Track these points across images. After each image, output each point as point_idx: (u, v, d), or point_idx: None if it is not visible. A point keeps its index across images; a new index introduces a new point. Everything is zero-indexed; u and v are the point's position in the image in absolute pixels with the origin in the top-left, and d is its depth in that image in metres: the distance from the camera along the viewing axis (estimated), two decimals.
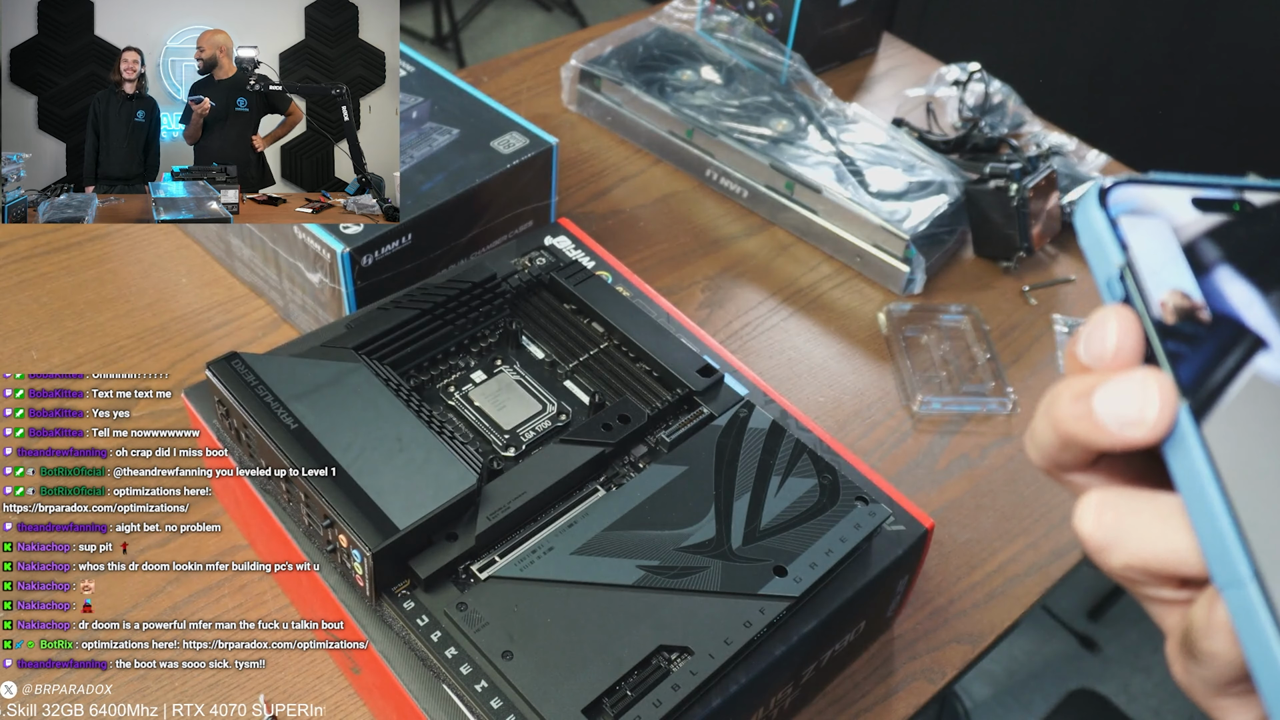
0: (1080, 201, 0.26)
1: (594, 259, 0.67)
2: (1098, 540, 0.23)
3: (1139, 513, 0.23)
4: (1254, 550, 0.21)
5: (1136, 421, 0.22)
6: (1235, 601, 0.21)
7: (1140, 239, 0.24)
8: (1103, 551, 0.23)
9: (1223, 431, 0.22)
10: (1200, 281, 0.24)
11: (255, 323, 0.74)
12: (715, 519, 0.50)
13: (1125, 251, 0.24)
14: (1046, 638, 1.51)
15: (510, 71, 1.02)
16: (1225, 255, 0.24)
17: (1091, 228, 0.25)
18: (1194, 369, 0.23)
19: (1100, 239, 0.25)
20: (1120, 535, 0.23)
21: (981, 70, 0.99)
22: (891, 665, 0.60)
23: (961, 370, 0.77)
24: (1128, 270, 0.24)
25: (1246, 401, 0.22)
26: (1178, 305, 0.23)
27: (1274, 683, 0.20)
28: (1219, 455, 0.22)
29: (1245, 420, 0.22)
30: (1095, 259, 0.25)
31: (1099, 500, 0.23)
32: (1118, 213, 0.25)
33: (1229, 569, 0.21)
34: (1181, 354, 0.23)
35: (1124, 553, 0.23)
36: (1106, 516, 0.23)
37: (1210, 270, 0.24)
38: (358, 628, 0.48)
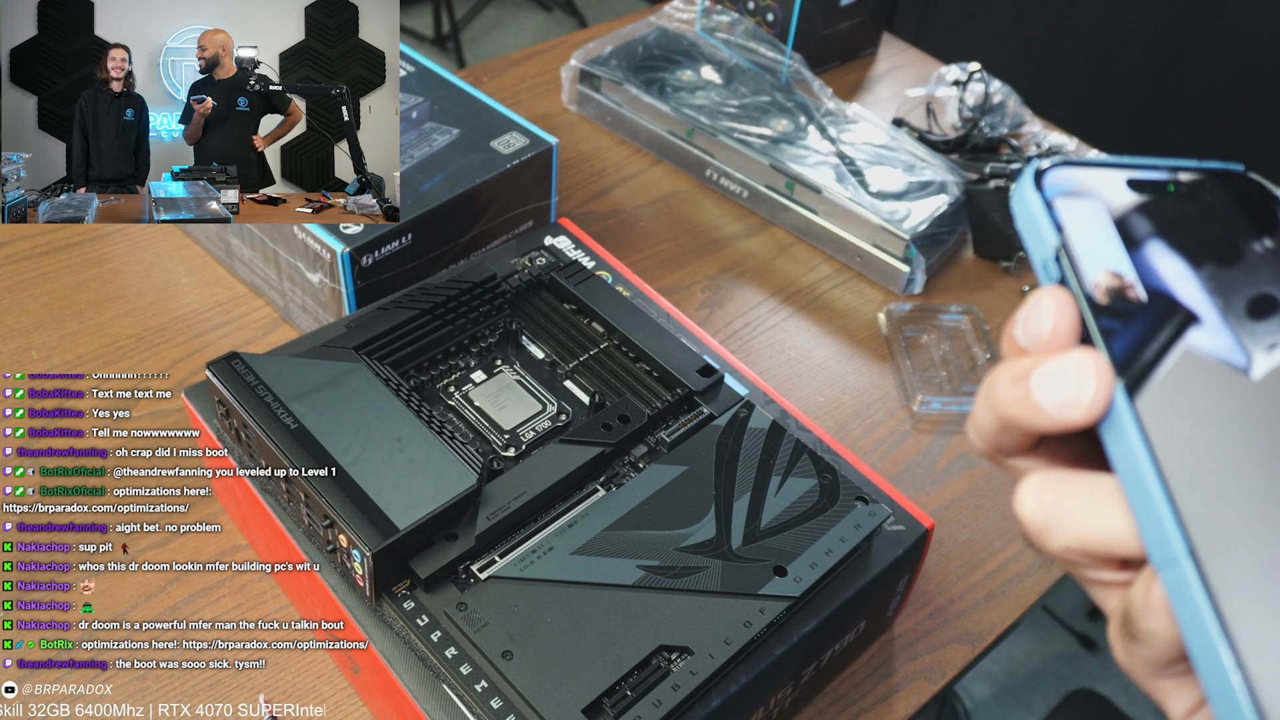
0: (1017, 183, 0.26)
1: (594, 259, 0.67)
2: (1038, 523, 0.23)
3: (1077, 494, 0.23)
4: (1189, 529, 0.21)
5: (1073, 403, 0.22)
6: (1171, 580, 0.21)
7: (1075, 220, 0.24)
8: (1043, 534, 0.23)
9: (1157, 408, 0.22)
10: (1134, 260, 0.24)
11: (255, 323, 0.74)
12: (715, 519, 0.50)
13: (1060, 233, 0.24)
14: (1046, 638, 1.51)
15: (510, 71, 1.02)
16: (1158, 234, 0.24)
17: (1027, 210, 0.25)
18: (1128, 348, 0.23)
19: (1036, 221, 0.25)
20: (1059, 517, 0.23)
21: (981, 70, 0.99)
22: (891, 665, 0.60)
23: (961, 370, 0.77)
24: (1063, 251, 0.24)
25: (1180, 377, 0.22)
26: (1111, 285, 0.23)
27: (1208, 660, 0.20)
28: (1154, 433, 0.22)
29: (1179, 396, 0.22)
30: (1031, 241, 0.25)
31: (1038, 483, 0.23)
32: (1053, 194, 0.25)
33: (1164, 548, 0.21)
34: (1116, 333, 0.23)
35: (1063, 535, 0.23)
36: (1046, 499, 0.23)
37: (1144, 249, 0.24)
38: (358, 628, 0.48)
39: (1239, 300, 0.23)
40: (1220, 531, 0.21)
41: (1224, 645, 0.20)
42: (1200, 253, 0.24)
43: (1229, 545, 0.21)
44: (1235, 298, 0.24)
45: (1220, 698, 0.20)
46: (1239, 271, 0.24)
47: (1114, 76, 1.66)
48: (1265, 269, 0.24)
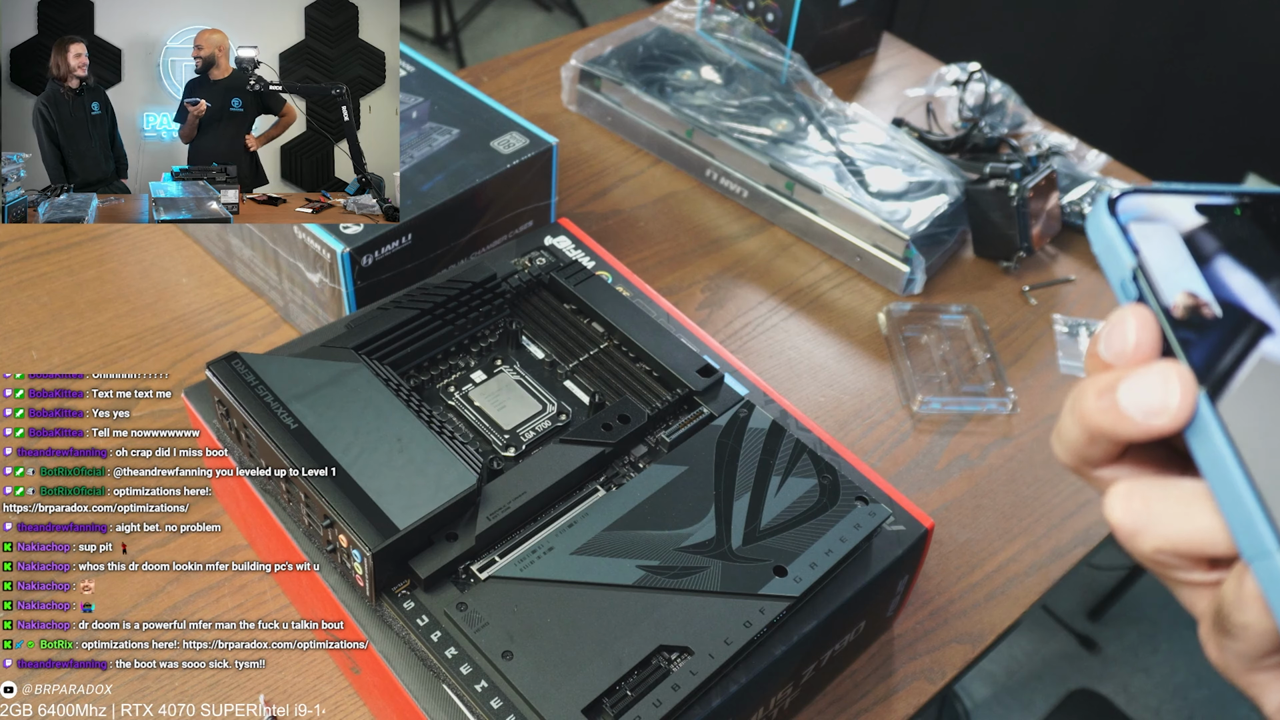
0: (1091, 211, 0.27)
1: (594, 259, 0.67)
2: (1128, 527, 0.24)
3: (1165, 498, 0.24)
4: (1277, 522, 0.22)
5: (1160, 410, 0.24)
6: (1264, 572, 0.22)
7: (1149, 242, 0.26)
8: (1133, 537, 0.24)
9: (1237, 413, 0.24)
10: (1206, 278, 0.25)
11: (255, 323, 0.74)
12: (715, 519, 0.50)
13: (1136, 254, 0.26)
14: (1046, 638, 1.51)
15: (510, 71, 1.02)
16: (1227, 253, 0.26)
17: (1103, 234, 0.27)
18: (1207, 358, 0.24)
19: (1112, 244, 0.26)
20: (1149, 520, 0.24)
21: (981, 70, 0.99)
22: (891, 665, 0.60)
23: (961, 370, 0.77)
24: (1139, 271, 0.26)
25: (1256, 383, 0.24)
26: (1186, 301, 0.25)
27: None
28: (1236, 435, 0.23)
29: (1256, 400, 0.24)
30: (1109, 263, 0.27)
31: (1127, 489, 0.25)
32: (1126, 219, 0.27)
33: (1256, 541, 0.22)
34: (1194, 344, 0.24)
35: (1153, 537, 0.24)
36: (1135, 503, 0.24)
37: (1214, 267, 0.26)
38: (358, 628, 0.48)
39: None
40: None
41: None
42: (1267, 269, 0.26)
43: None
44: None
45: None
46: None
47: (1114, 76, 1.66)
48: None
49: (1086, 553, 0.67)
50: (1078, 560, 0.67)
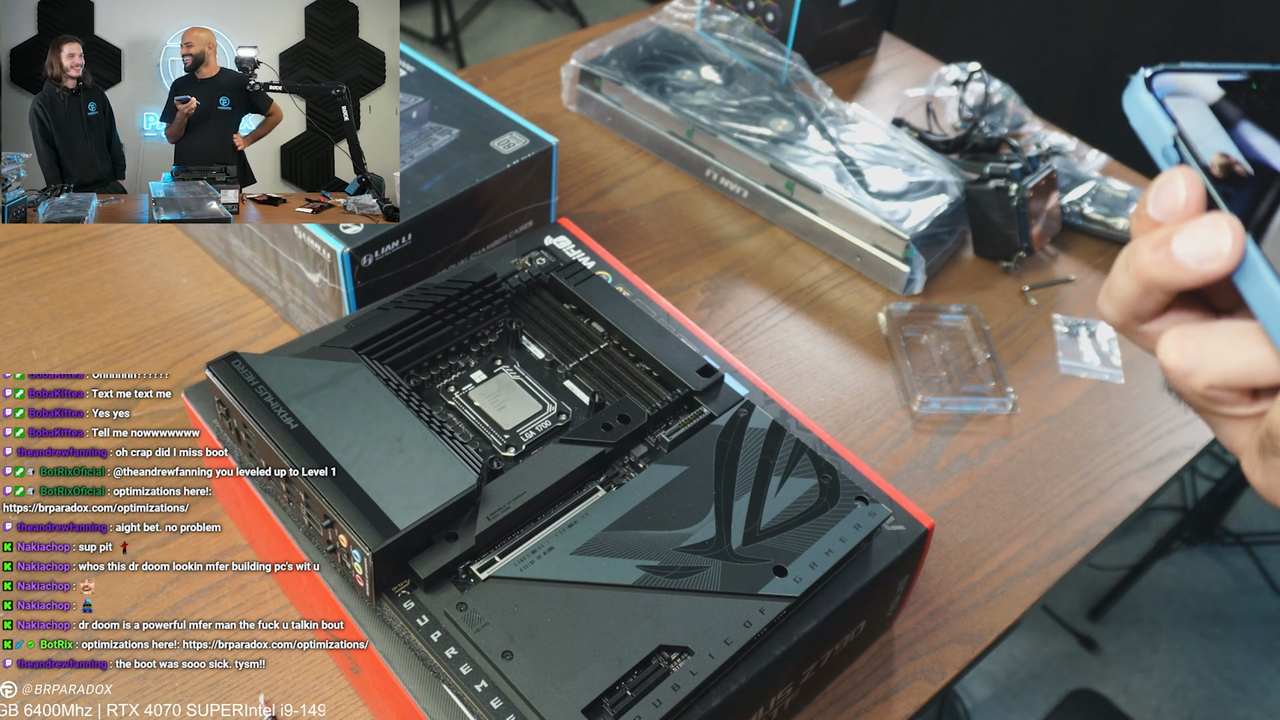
0: (1128, 90, 0.30)
1: (594, 259, 0.67)
2: (1183, 366, 0.27)
3: (1214, 337, 0.27)
4: None
5: (1214, 255, 0.26)
6: None
7: (1183, 113, 0.29)
8: (1188, 376, 0.27)
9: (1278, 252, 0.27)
10: (1236, 141, 0.29)
11: (255, 323, 0.74)
12: (715, 519, 0.50)
13: (1175, 123, 0.29)
14: (1046, 638, 1.51)
15: (510, 71, 1.02)
16: (1250, 120, 0.29)
17: (1142, 108, 0.30)
18: (1246, 208, 0.27)
19: (1151, 116, 0.30)
20: (1201, 359, 0.27)
21: (981, 70, 0.99)
22: (891, 665, 0.60)
23: (961, 370, 0.77)
24: (1179, 138, 0.29)
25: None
26: (1224, 161, 0.28)
27: None
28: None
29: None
30: (1149, 134, 0.30)
31: (1179, 334, 0.28)
32: (1162, 94, 0.30)
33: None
34: (1234, 197, 0.28)
35: (1206, 373, 0.27)
36: (1188, 345, 0.27)
37: (1241, 133, 0.29)
38: (358, 628, 0.48)
39: None
40: None
41: None
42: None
43: None
44: None
45: None
46: None
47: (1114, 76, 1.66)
48: None
49: (1086, 553, 0.67)
50: (1078, 560, 0.67)
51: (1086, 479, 0.71)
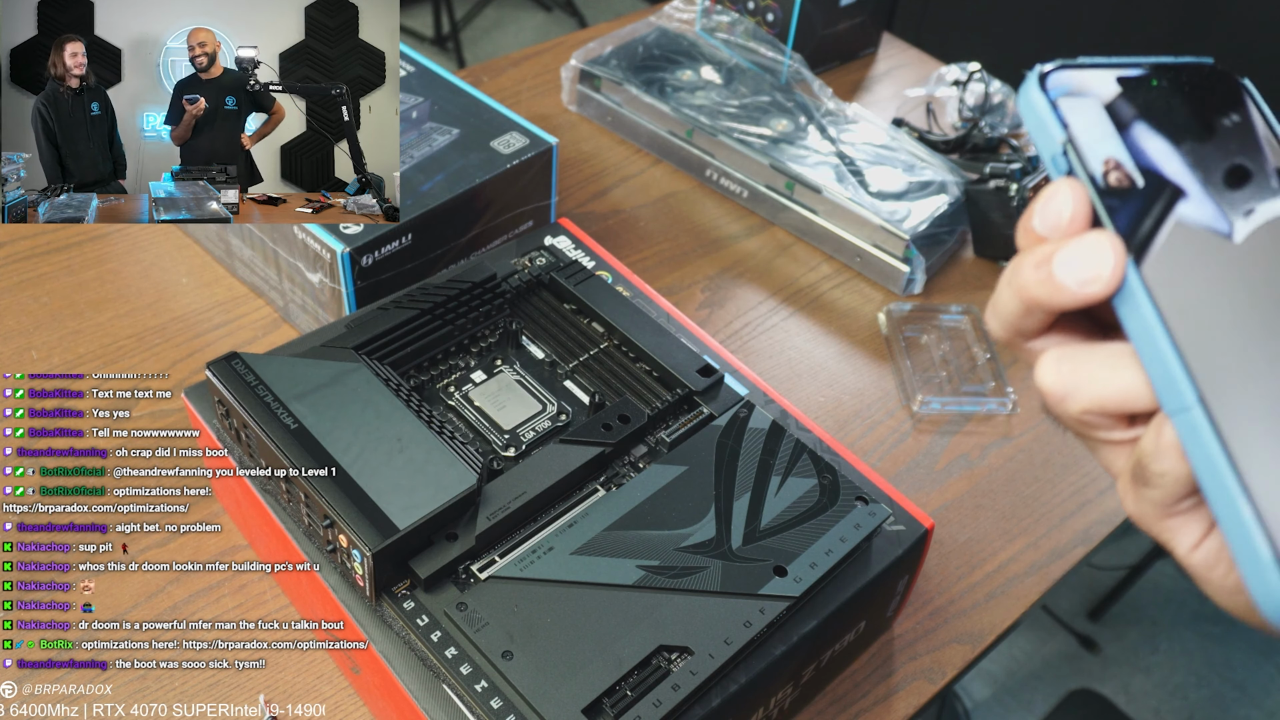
0: (1022, 87, 0.28)
1: (594, 259, 0.67)
2: (1059, 390, 0.26)
3: (1091, 360, 0.26)
4: (1197, 379, 0.24)
5: (1094, 278, 0.25)
6: (1183, 425, 0.24)
7: (1076, 116, 0.27)
8: (1063, 400, 0.26)
9: (1160, 275, 0.25)
10: (1128, 147, 0.27)
11: (255, 323, 0.74)
12: (715, 519, 0.50)
13: (1066, 129, 0.27)
14: (1046, 638, 1.51)
15: (510, 71, 1.02)
16: (1146, 122, 0.27)
17: (1034, 110, 0.28)
18: (1131, 224, 0.26)
19: (1043, 120, 0.27)
20: (1077, 382, 0.26)
21: (981, 70, 0.99)
22: (891, 665, 0.60)
23: (961, 370, 0.77)
24: (1069, 145, 0.27)
25: (1176, 246, 0.26)
26: (1112, 171, 0.26)
27: (1218, 488, 0.24)
28: (1159, 298, 0.25)
29: (1177, 262, 0.26)
30: (1040, 138, 0.28)
31: (1057, 355, 0.26)
32: (1056, 95, 0.27)
33: (1177, 397, 0.24)
34: (1120, 212, 0.26)
35: (1081, 397, 0.26)
36: (1065, 367, 0.26)
37: (1135, 137, 0.27)
38: (358, 628, 0.48)
39: (1218, 173, 0.27)
40: (1221, 379, 0.24)
41: (1231, 474, 0.23)
42: (1182, 135, 0.27)
43: (1229, 390, 0.24)
44: (1214, 172, 0.27)
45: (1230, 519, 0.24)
46: (1215, 148, 0.27)
47: None
48: (1236, 143, 0.28)
49: (1086, 553, 0.67)
50: (1078, 560, 0.67)
51: (1086, 479, 0.71)
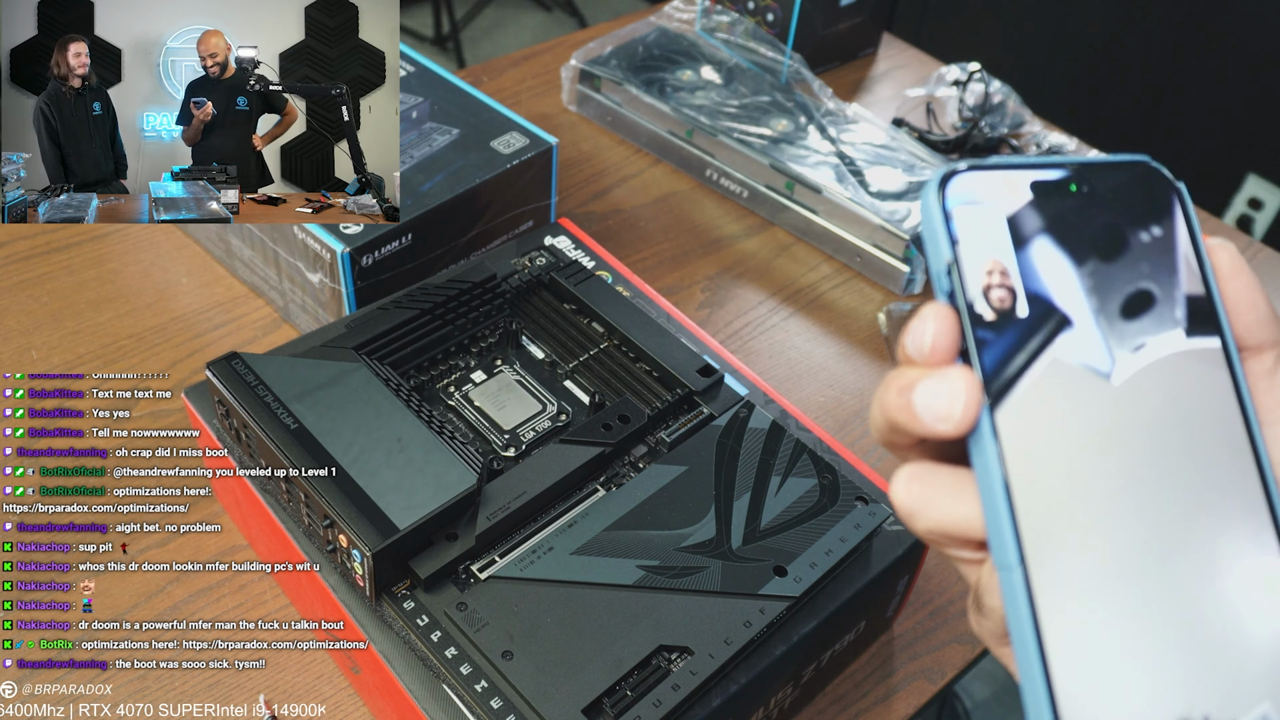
0: (924, 191, 0.26)
1: (594, 259, 0.67)
2: (906, 508, 0.26)
3: (940, 486, 0.26)
4: (1024, 542, 0.24)
5: (945, 418, 0.25)
6: (1005, 582, 0.24)
7: (971, 230, 0.25)
8: (910, 517, 0.26)
9: (1018, 421, 0.24)
10: (1021, 267, 0.25)
11: (255, 323, 0.74)
12: (715, 519, 0.50)
13: (954, 247, 0.25)
14: None
15: (510, 71, 1.02)
16: (1048, 238, 0.25)
17: (929, 219, 0.25)
18: (998, 361, 0.24)
19: (935, 231, 0.25)
20: (924, 504, 0.26)
21: (981, 70, 0.99)
22: (891, 665, 0.60)
23: None
24: (954, 266, 0.25)
25: (1043, 388, 0.24)
26: (993, 299, 0.24)
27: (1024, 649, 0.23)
28: (1009, 449, 0.24)
29: (1040, 407, 0.24)
30: (930, 251, 0.26)
31: (909, 473, 0.26)
32: (955, 204, 0.25)
33: (1003, 554, 0.24)
34: (990, 346, 0.24)
35: (926, 519, 0.26)
36: (914, 488, 0.26)
37: (1031, 255, 0.25)
38: (358, 628, 0.48)
39: (1116, 300, 0.25)
40: (1051, 545, 0.24)
41: (1034, 642, 0.23)
42: (1085, 254, 0.25)
43: (1057, 559, 0.23)
44: (1113, 298, 0.25)
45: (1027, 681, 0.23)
46: (1121, 269, 0.25)
47: (1114, 76, 1.66)
48: (1148, 263, 0.25)
49: None
50: None
51: None
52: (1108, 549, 0.24)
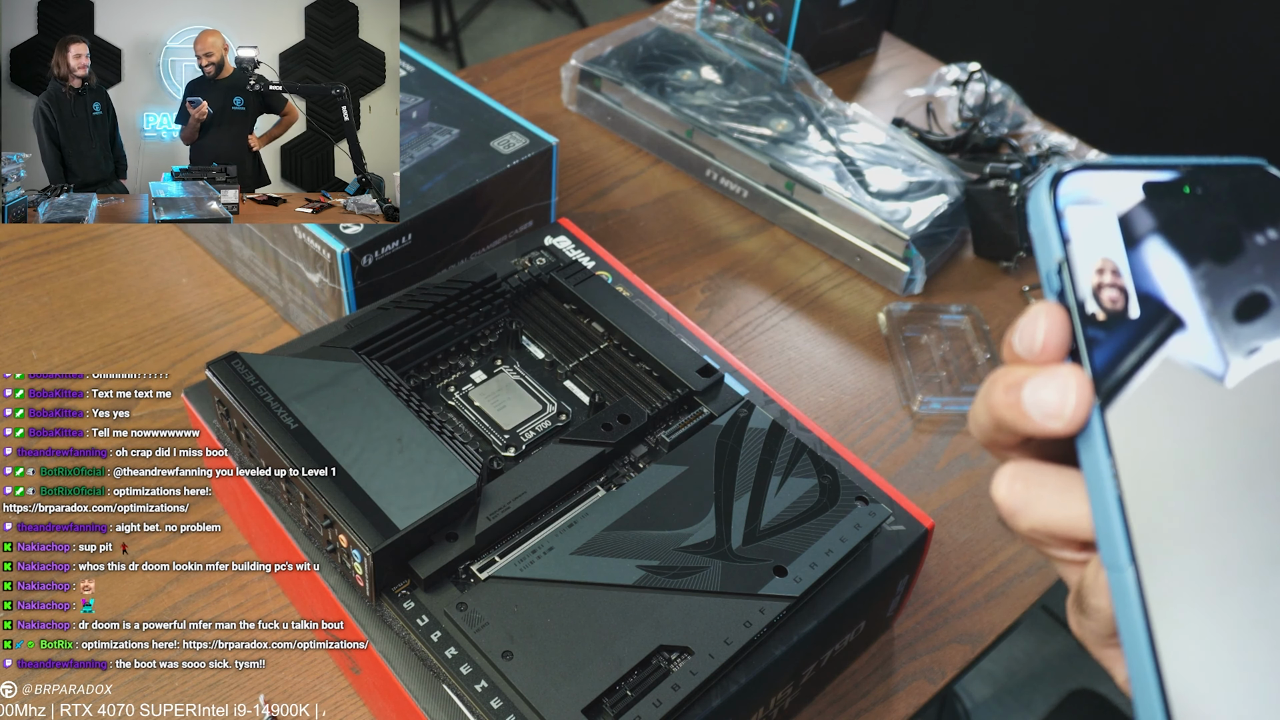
0: (1034, 187, 0.25)
1: (594, 259, 0.67)
2: (1008, 506, 0.26)
3: (1045, 485, 0.26)
4: (1135, 542, 0.23)
5: (1056, 416, 0.25)
6: (1115, 582, 0.24)
7: (1082, 230, 0.25)
8: (1012, 516, 0.26)
9: (1129, 422, 0.24)
10: (1133, 267, 0.24)
11: (255, 323, 0.74)
12: (715, 519, 0.50)
13: (1065, 246, 0.25)
14: (1046, 638, 1.51)
15: (510, 71, 1.02)
16: (1160, 240, 0.25)
17: (1040, 218, 0.25)
18: (1110, 362, 0.24)
19: (1045, 231, 0.25)
20: (1027, 503, 0.26)
21: (981, 70, 0.99)
22: (891, 665, 0.60)
23: (961, 370, 0.77)
24: (1065, 265, 0.25)
25: (1155, 390, 0.24)
26: (1104, 300, 0.24)
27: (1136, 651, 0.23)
28: (1120, 449, 0.24)
29: (1152, 408, 0.24)
30: (1040, 250, 0.25)
31: (1012, 471, 0.26)
32: (1066, 203, 0.25)
33: (1113, 554, 0.24)
34: (1102, 346, 0.24)
35: (1030, 518, 0.26)
36: (1017, 486, 0.26)
37: (1144, 256, 0.24)
38: (358, 628, 0.48)
39: (1230, 303, 0.24)
40: (1163, 546, 0.23)
41: (1146, 643, 0.23)
42: (1199, 256, 0.25)
43: (1169, 560, 0.23)
44: (1226, 301, 0.24)
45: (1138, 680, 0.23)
46: (1236, 271, 0.25)
47: (1114, 76, 1.66)
48: (1264, 266, 0.25)
49: None
50: None
51: None
52: (1220, 551, 0.23)
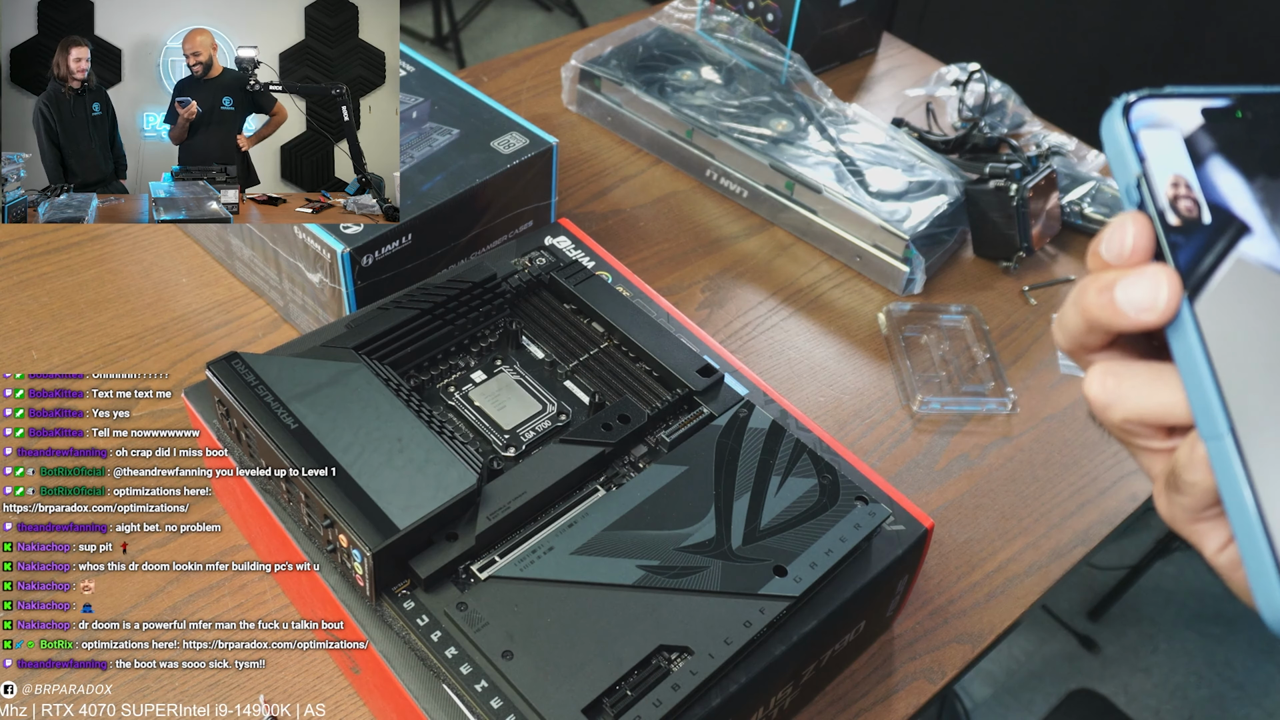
0: (1106, 116, 0.29)
1: (594, 259, 0.67)
2: (1102, 400, 0.29)
3: (1136, 377, 0.29)
4: (1231, 411, 0.26)
5: (1149, 308, 0.28)
6: (1215, 451, 0.27)
7: (1155, 149, 0.28)
8: (1106, 409, 0.29)
9: (1214, 310, 0.27)
10: (1202, 181, 0.28)
11: (255, 323, 0.74)
12: (715, 519, 0.50)
13: (1142, 163, 0.28)
14: (1046, 638, 1.51)
15: (510, 71, 1.02)
16: (1223, 157, 0.29)
17: (1115, 140, 0.29)
18: (1192, 260, 0.28)
19: (1121, 151, 0.29)
20: (1119, 395, 0.29)
21: (981, 70, 0.99)
22: (891, 665, 0.60)
23: (961, 370, 0.77)
24: (1143, 179, 0.28)
25: (1233, 283, 0.28)
26: (1181, 208, 0.28)
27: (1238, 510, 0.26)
28: (1208, 333, 0.27)
29: (1232, 299, 0.28)
30: (1117, 168, 0.29)
31: (1103, 368, 0.29)
32: (1138, 126, 0.29)
33: (1212, 425, 0.27)
34: (1183, 248, 0.28)
35: (1123, 408, 0.29)
36: (1109, 380, 0.29)
37: (1211, 171, 0.28)
38: (358, 628, 0.48)
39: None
40: (1254, 413, 0.27)
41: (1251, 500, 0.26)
42: (1255, 170, 0.28)
43: (1261, 425, 0.26)
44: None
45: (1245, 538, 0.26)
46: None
47: (1114, 76, 1.66)
48: None
49: (1086, 553, 0.67)
50: (1078, 560, 0.67)
51: (1086, 479, 0.71)
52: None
